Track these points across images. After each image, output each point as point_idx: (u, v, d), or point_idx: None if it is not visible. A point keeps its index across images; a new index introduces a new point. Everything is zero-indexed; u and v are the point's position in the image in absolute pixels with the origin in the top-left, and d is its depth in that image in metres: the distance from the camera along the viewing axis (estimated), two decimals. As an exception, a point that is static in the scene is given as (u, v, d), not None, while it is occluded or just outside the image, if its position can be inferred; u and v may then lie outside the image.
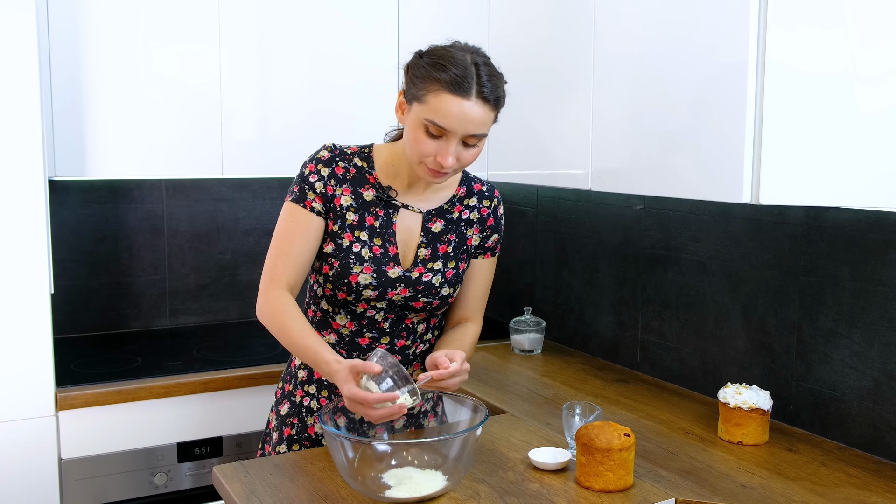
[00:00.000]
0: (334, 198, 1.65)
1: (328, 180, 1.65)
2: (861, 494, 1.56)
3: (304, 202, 1.64)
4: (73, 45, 2.30)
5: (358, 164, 1.68)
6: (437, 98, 1.49)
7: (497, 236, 1.78)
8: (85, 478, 2.18)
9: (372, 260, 1.64)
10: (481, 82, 1.49)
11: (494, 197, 1.78)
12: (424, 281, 1.67)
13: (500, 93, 1.55)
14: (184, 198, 2.85)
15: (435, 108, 1.49)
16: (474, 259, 1.76)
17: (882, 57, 1.43)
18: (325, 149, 1.68)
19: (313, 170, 1.65)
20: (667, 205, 2.24)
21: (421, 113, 1.51)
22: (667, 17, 1.72)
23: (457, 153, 1.53)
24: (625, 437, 1.51)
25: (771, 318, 1.97)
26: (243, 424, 2.36)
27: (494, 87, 1.52)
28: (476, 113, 1.50)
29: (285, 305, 1.59)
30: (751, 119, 1.52)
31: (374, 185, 1.67)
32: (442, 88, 1.48)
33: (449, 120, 1.49)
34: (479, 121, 1.51)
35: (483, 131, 1.53)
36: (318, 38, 2.64)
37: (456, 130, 1.50)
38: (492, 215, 1.77)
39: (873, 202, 1.48)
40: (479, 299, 1.79)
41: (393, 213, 1.68)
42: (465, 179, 1.76)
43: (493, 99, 1.52)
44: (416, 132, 1.53)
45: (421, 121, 1.52)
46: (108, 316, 2.78)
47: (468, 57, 1.52)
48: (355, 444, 1.45)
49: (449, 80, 1.48)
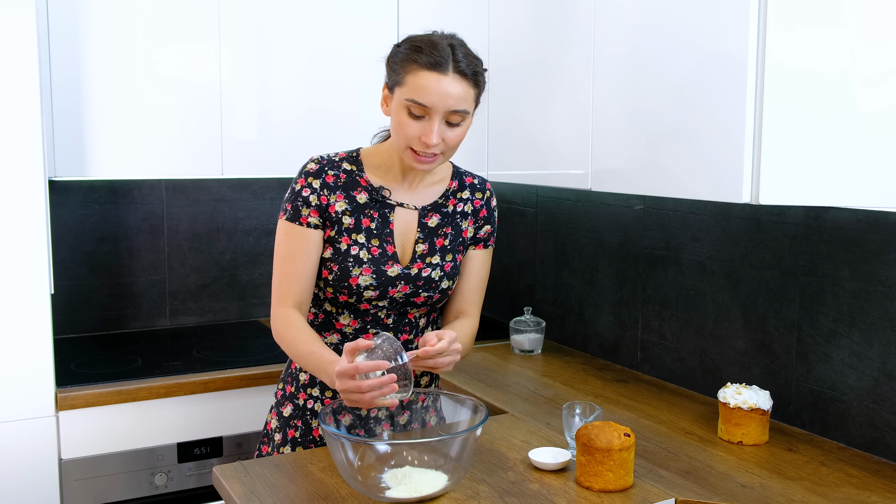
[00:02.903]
0: (329, 206, 1.67)
1: (321, 191, 1.66)
2: (861, 494, 1.56)
3: (299, 219, 1.66)
4: (72, 45, 2.30)
5: (347, 169, 1.70)
6: (415, 77, 1.54)
7: (489, 227, 1.79)
8: (85, 478, 2.18)
9: (371, 261, 1.65)
10: (457, 59, 1.54)
11: (486, 189, 1.80)
12: (424, 276, 1.68)
13: (479, 69, 1.59)
14: (184, 198, 2.85)
15: (414, 87, 1.54)
16: (467, 251, 1.77)
17: (882, 57, 1.43)
18: (312, 161, 1.70)
19: (304, 184, 1.67)
20: (667, 205, 2.24)
21: (402, 95, 1.56)
22: (666, 16, 1.72)
23: (441, 132, 1.56)
24: (625, 437, 1.51)
25: (771, 318, 1.97)
26: (243, 424, 2.36)
27: (471, 63, 1.56)
28: (455, 88, 1.54)
29: (292, 321, 1.62)
30: (750, 119, 1.53)
31: (367, 188, 1.69)
32: (420, 67, 1.54)
33: (429, 96, 1.53)
34: (458, 96, 1.54)
35: (464, 107, 1.56)
36: (318, 37, 2.64)
37: (437, 106, 1.54)
38: (484, 206, 1.78)
39: (873, 202, 1.48)
40: (474, 291, 1.78)
41: (389, 212, 1.69)
42: (456, 174, 1.78)
43: (470, 74, 1.56)
44: (400, 116, 1.57)
45: (403, 103, 1.56)
46: (108, 316, 2.78)
47: (444, 40, 1.57)
48: (355, 445, 1.45)
49: (426, 59, 1.53)
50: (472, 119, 1.63)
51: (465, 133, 1.61)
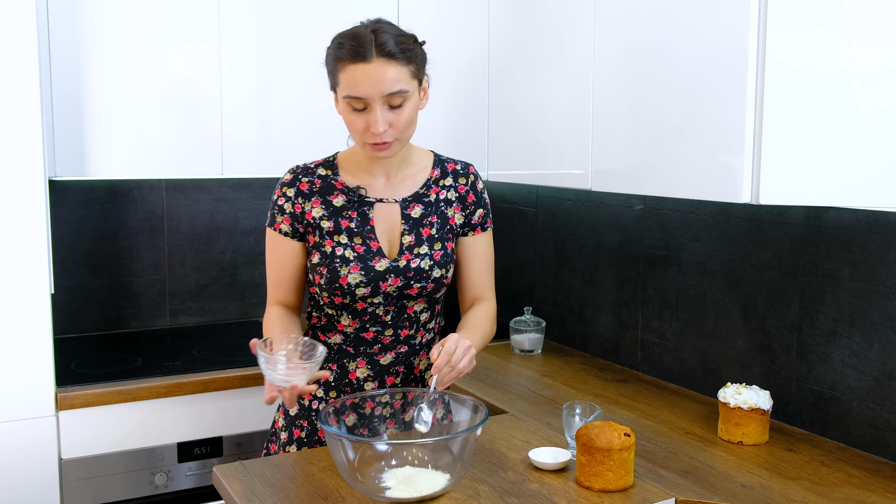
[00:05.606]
0: (305, 213, 1.71)
1: (295, 199, 1.71)
2: (861, 494, 1.56)
3: (275, 226, 1.73)
4: (73, 44, 2.30)
5: (322, 174, 1.74)
6: (345, 73, 1.56)
7: (482, 210, 1.79)
8: (85, 478, 2.18)
9: (357, 258, 1.67)
10: (380, 42, 1.55)
11: (470, 173, 1.80)
12: (413, 267, 1.68)
13: (408, 45, 1.59)
14: (184, 198, 2.85)
15: (346, 83, 1.57)
16: (465, 238, 1.77)
17: (882, 57, 1.43)
18: (288, 172, 1.75)
19: (280, 194, 1.73)
20: (667, 205, 2.24)
21: (341, 94, 1.59)
22: (666, 15, 1.72)
23: (385, 118, 1.58)
24: (625, 437, 1.51)
25: (771, 318, 1.97)
26: (243, 424, 2.36)
27: (397, 43, 1.57)
28: (384, 72, 1.55)
29: (268, 316, 1.73)
30: (751, 119, 1.53)
31: (343, 190, 1.72)
32: (345, 62, 1.56)
33: (360, 87, 1.55)
34: (389, 78, 1.55)
35: (399, 87, 1.57)
36: (318, 37, 2.61)
37: (371, 94, 1.55)
38: (471, 191, 1.78)
39: (873, 202, 1.48)
40: (483, 276, 1.79)
41: (368, 209, 1.71)
42: (438, 162, 1.78)
43: (397, 52, 1.56)
44: (346, 114, 1.61)
45: (344, 102, 1.59)
46: (108, 316, 2.78)
47: (367, 29, 1.59)
48: (355, 444, 1.45)
49: (348, 52, 1.56)
50: (421, 95, 1.64)
51: (415, 111, 1.62)
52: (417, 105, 1.63)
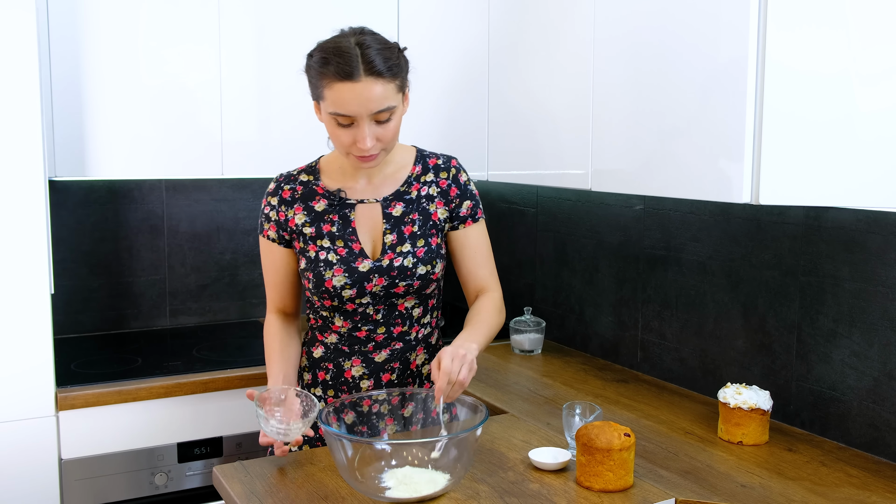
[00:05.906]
0: (288, 220, 1.73)
1: (279, 207, 1.74)
2: (861, 494, 1.56)
3: (264, 233, 1.78)
4: (73, 44, 2.30)
5: (304, 181, 1.76)
6: (331, 91, 1.55)
7: (470, 202, 1.78)
8: (85, 478, 2.18)
9: (340, 261, 1.68)
10: (367, 60, 1.53)
11: (451, 167, 1.79)
12: (397, 266, 1.69)
13: (394, 62, 1.57)
14: (184, 198, 2.85)
15: (333, 100, 1.56)
16: (456, 231, 1.77)
17: (882, 57, 1.43)
18: (273, 181, 1.78)
19: (265, 203, 1.77)
20: (667, 205, 2.24)
21: (325, 108, 1.59)
22: (666, 16, 1.72)
23: (373, 133, 1.58)
24: (625, 437, 1.51)
25: (771, 318, 1.97)
26: (243, 424, 2.36)
27: (385, 59, 1.55)
28: (371, 90, 1.54)
29: (268, 328, 1.80)
30: (750, 119, 1.52)
31: (323, 195, 1.73)
32: (332, 80, 1.54)
33: (348, 106, 1.54)
34: (377, 97, 1.55)
35: (387, 105, 1.57)
36: (318, 37, 2.62)
37: (359, 113, 1.55)
38: (453, 184, 1.77)
39: (873, 202, 1.48)
40: (482, 266, 1.79)
41: (349, 211, 1.72)
42: (419, 158, 1.78)
43: (384, 70, 1.55)
44: (330, 127, 1.61)
45: (329, 116, 1.59)
46: (108, 316, 2.78)
47: (352, 40, 1.56)
48: (355, 444, 1.45)
49: (335, 70, 1.54)
50: (404, 105, 1.64)
51: (400, 121, 1.63)
52: (402, 115, 1.64)
